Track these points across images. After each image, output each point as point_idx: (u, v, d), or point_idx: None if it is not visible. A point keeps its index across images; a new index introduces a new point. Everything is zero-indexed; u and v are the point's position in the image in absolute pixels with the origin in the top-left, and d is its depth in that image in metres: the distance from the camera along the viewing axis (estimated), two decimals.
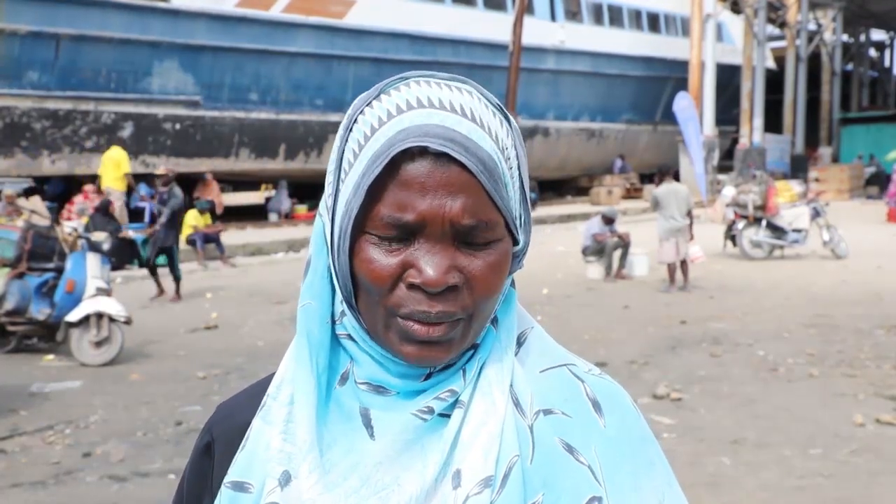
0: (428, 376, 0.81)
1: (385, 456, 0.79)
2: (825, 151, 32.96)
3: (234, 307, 9.72)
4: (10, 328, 7.53)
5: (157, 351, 7.63)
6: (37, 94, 15.49)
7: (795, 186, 18.74)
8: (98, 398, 6.12)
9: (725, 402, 5.95)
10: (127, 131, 16.85)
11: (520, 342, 0.86)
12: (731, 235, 14.14)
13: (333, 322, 0.83)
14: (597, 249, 12.06)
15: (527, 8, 19.92)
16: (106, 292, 7.41)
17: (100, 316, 7.11)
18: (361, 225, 0.77)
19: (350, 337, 0.83)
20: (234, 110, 18.27)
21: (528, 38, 19.88)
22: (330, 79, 19.62)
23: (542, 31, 23.57)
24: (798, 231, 13.77)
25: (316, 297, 0.82)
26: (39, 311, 7.40)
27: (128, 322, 7.20)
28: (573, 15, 25.48)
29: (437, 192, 0.75)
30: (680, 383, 6.36)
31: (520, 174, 0.81)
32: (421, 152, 0.75)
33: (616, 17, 27.07)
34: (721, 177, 23.85)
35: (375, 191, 0.76)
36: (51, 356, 7.42)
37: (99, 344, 7.12)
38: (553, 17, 24.67)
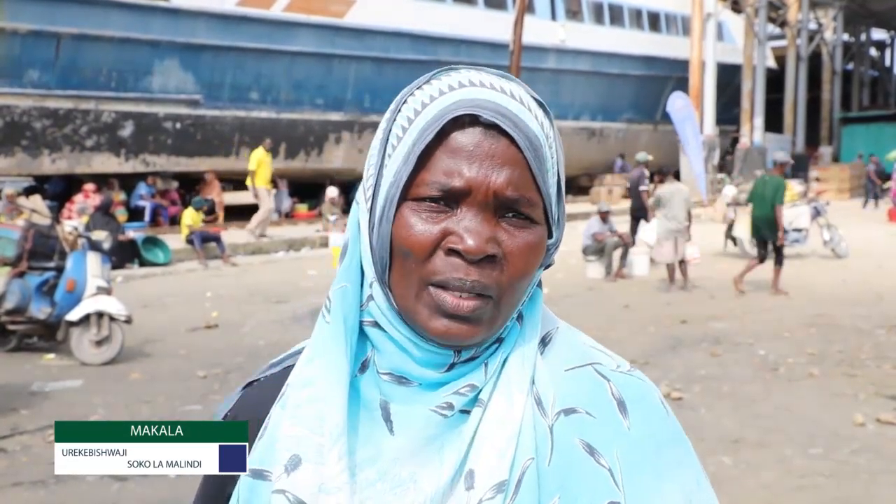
0: (450, 367, 0.80)
1: (403, 451, 0.79)
2: (826, 151, 32.95)
3: (234, 306, 9.71)
4: (11, 327, 7.52)
5: (157, 350, 7.63)
6: (37, 93, 15.49)
7: (796, 186, 18.73)
8: (98, 397, 6.12)
9: (726, 402, 5.95)
10: (127, 130, 16.85)
11: (545, 342, 0.86)
12: (731, 235, 14.14)
13: (360, 309, 0.83)
14: (597, 249, 12.06)
15: (527, 7, 19.91)
16: (106, 291, 7.41)
17: (100, 315, 7.11)
18: (406, 194, 0.78)
19: (375, 324, 0.82)
20: (235, 109, 18.27)
21: (528, 38, 19.84)
22: (330, 78, 19.61)
23: (542, 30, 23.57)
24: (798, 231, 13.75)
25: (351, 280, 0.83)
26: (40, 310, 7.40)
27: (128, 321, 7.20)
28: (574, 14, 25.47)
29: (485, 161, 0.77)
30: (680, 383, 6.36)
31: (558, 170, 0.83)
32: (471, 123, 0.77)
33: (617, 16, 27.05)
34: (720, 175, 23.84)
35: (424, 159, 0.78)
36: (51, 355, 7.42)
37: (99, 343, 7.12)
38: (554, 17, 24.67)
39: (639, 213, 12.59)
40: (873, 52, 44.83)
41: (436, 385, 0.80)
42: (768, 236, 10.43)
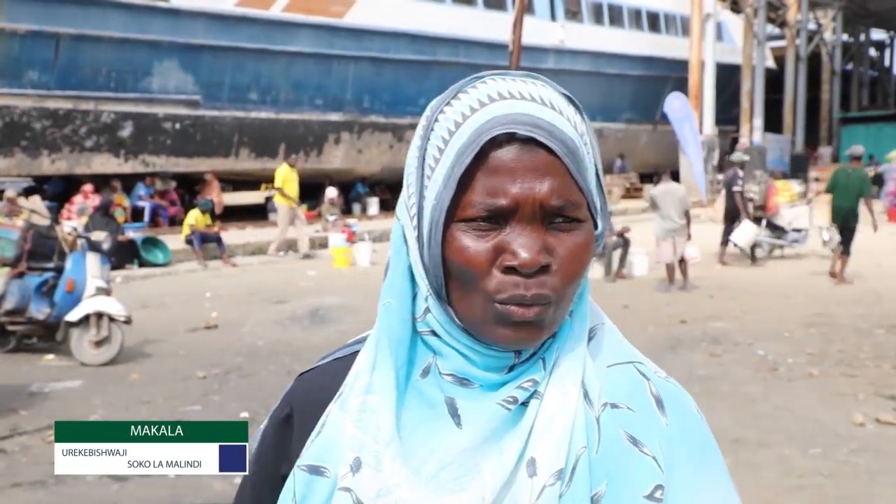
0: (511, 369, 0.83)
1: (470, 443, 0.81)
2: (825, 151, 32.94)
3: (234, 307, 9.71)
4: (10, 328, 7.52)
5: (156, 350, 7.63)
6: (37, 94, 15.49)
7: (795, 186, 18.72)
8: (98, 398, 6.12)
9: (725, 402, 5.95)
10: (127, 131, 16.85)
11: (591, 336, 0.88)
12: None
13: (414, 320, 0.85)
14: None
15: (527, 7, 19.91)
16: (106, 292, 7.40)
17: (100, 315, 7.11)
18: (452, 215, 0.80)
19: (433, 333, 0.85)
20: (234, 110, 18.27)
21: (528, 38, 19.84)
22: (330, 78, 19.62)
23: (542, 30, 23.57)
24: (798, 231, 13.74)
25: (396, 296, 0.85)
26: (39, 311, 7.40)
27: (128, 321, 7.20)
28: (573, 14, 25.48)
29: (527, 176, 0.78)
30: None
31: (595, 162, 0.84)
32: (508, 139, 0.78)
33: (616, 16, 27.06)
34: (720, 176, 23.80)
35: (465, 180, 0.79)
36: (50, 356, 7.42)
37: (99, 343, 7.12)
38: (553, 17, 24.67)
39: (732, 214, 12.73)
40: (873, 52, 44.85)
41: (497, 385, 0.83)
42: (851, 225, 11.23)
